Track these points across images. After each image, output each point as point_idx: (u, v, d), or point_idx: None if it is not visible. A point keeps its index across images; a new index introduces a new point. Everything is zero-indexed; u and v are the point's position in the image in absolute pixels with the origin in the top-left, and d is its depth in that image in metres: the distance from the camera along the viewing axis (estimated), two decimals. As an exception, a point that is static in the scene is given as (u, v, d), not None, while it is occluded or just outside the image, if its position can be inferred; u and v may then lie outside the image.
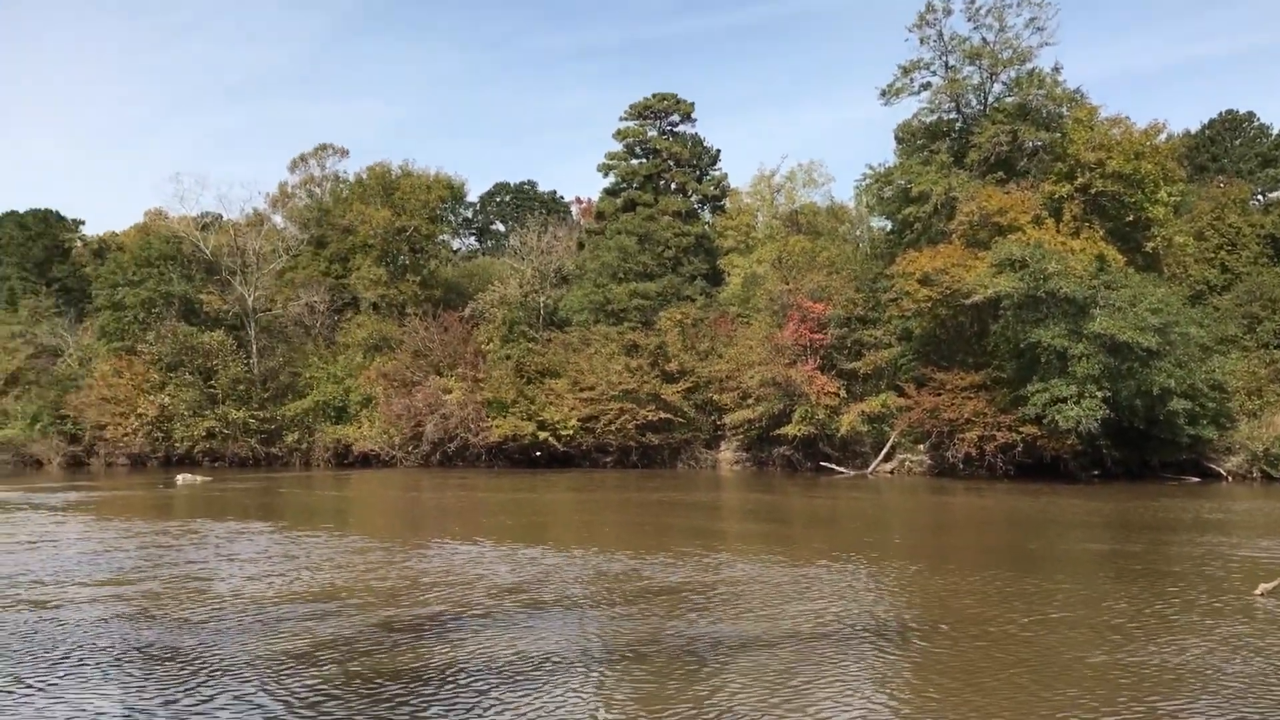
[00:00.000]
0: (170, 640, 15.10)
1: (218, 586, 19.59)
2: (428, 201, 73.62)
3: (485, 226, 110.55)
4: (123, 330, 68.53)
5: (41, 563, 22.88)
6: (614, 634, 15.34)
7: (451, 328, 63.28)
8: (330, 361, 67.14)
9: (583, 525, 31.76)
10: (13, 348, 74.35)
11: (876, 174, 55.41)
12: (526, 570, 21.19)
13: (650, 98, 71.32)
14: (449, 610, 17.15)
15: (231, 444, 64.03)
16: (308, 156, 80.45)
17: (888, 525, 31.70)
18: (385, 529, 30.99)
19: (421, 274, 72.71)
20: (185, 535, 27.95)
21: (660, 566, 21.53)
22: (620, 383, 54.68)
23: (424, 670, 13.34)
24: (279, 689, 12.55)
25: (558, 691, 12.44)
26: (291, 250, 74.17)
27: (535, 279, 66.88)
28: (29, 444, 69.75)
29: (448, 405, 58.39)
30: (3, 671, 13.41)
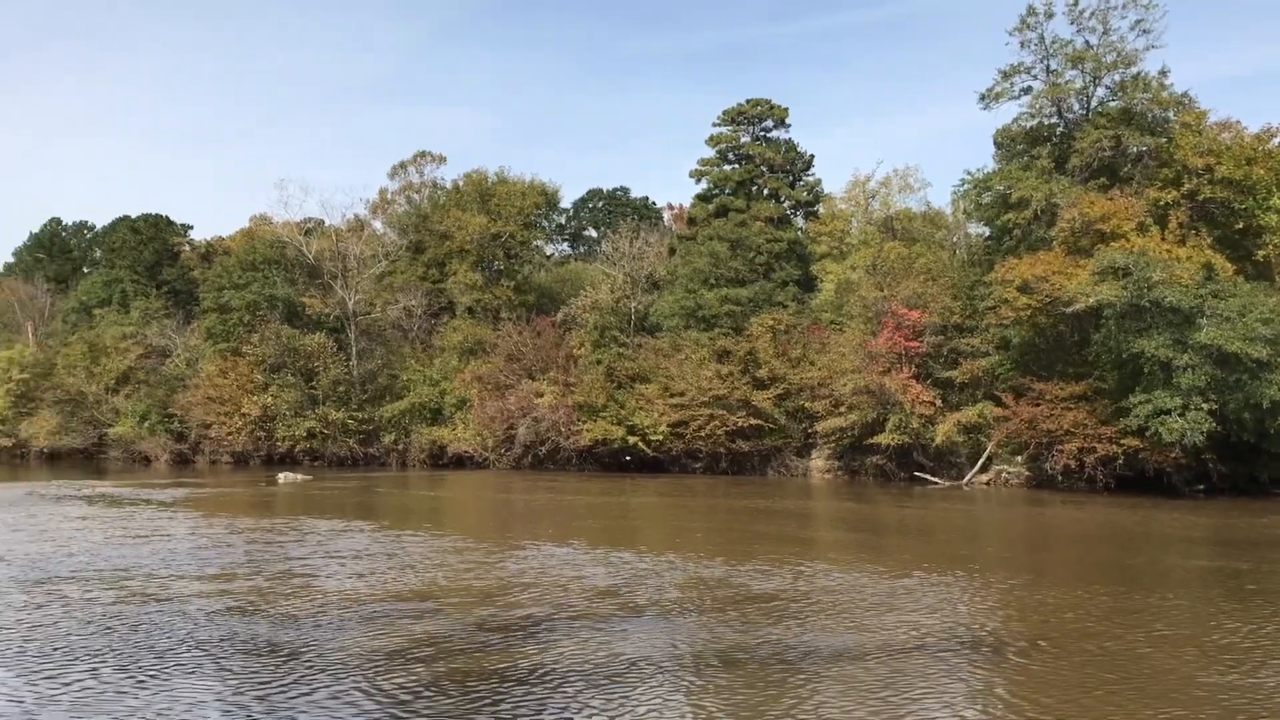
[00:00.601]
0: (272, 635, 15.54)
1: (319, 583, 20.08)
2: (522, 208, 74.52)
3: (578, 232, 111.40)
4: (228, 332, 70.67)
5: (152, 557, 23.72)
6: (705, 640, 15.35)
7: (544, 332, 63.93)
8: (426, 364, 68.34)
9: (673, 530, 31.81)
10: (124, 348, 77.15)
11: (975, 179, 54.43)
12: (618, 574, 21.30)
13: (744, 103, 71.11)
14: (542, 612, 17.33)
15: (331, 444, 65.63)
16: (407, 163, 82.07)
17: (984, 537, 31.14)
18: (479, 529, 31.43)
19: (515, 279, 73.60)
20: (288, 532, 28.71)
21: (751, 573, 21.47)
22: (710, 388, 54.60)
23: (516, 671, 13.50)
24: (375, 686, 12.83)
25: (648, 696, 12.50)
26: (390, 255, 75.67)
27: (626, 284, 67.19)
28: (138, 441, 72.32)
29: (539, 409, 58.99)
30: (113, 661, 13.93)
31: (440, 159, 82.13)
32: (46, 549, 24.94)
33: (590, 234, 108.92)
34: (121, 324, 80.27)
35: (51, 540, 26.74)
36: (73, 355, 77.85)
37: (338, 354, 68.28)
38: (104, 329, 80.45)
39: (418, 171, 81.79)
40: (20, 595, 18.73)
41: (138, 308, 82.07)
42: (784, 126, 71.94)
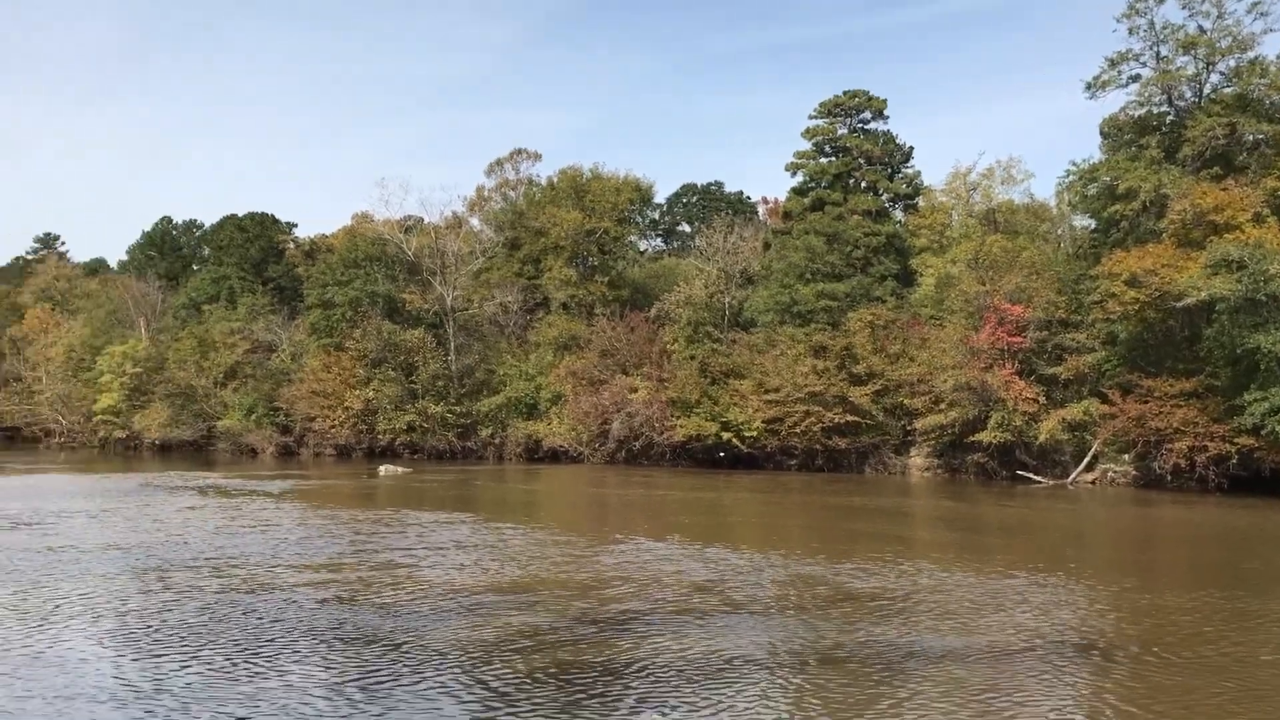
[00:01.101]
0: (375, 624, 15.84)
1: (420, 574, 20.42)
2: (616, 204, 74.77)
3: (672, 227, 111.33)
4: (331, 327, 72.37)
5: (261, 546, 24.39)
6: (804, 638, 15.20)
7: (638, 328, 64.07)
8: (522, 359, 69.08)
9: (768, 527, 31.62)
10: (232, 343, 79.55)
11: (1080, 170, 52.96)
12: (715, 569, 21.24)
13: (841, 95, 70.22)
14: (639, 606, 17.36)
15: (430, 437, 66.83)
16: (503, 161, 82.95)
17: (1090, 537, 30.31)
18: (575, 523, 31.65)
19: (610, 275, 73.89)
20: (390, 524, 29.27)
21: (850, 572, 21.22)
22: (806, 384, 54.09)
23: (613, 664, 13.54)
24: (475, 676, 12.98)
25: (747, 693, 12.43)
26: (487, 252, 76.64)
27: (721, 279, 66.93)
28: (245, 433, 74.53)
29: (633, 404, 59.16)
30: (223, 649, 14.34)
31: (536, 156, 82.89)
32: (161, 538, 25.82)
33: (684, 229, 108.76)
34: (229, 319, 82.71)
35: (165, 530, 27.68)
36: (183, 350, 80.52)
37: (436, 349, 69.45)
38: (212, 324, 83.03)
39: (514, 169, 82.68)
40: (136, 583, 19.41)
41: (245, 304, 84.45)
42: (882, 118, 70.88)
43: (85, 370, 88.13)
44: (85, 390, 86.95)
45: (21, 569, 20.64)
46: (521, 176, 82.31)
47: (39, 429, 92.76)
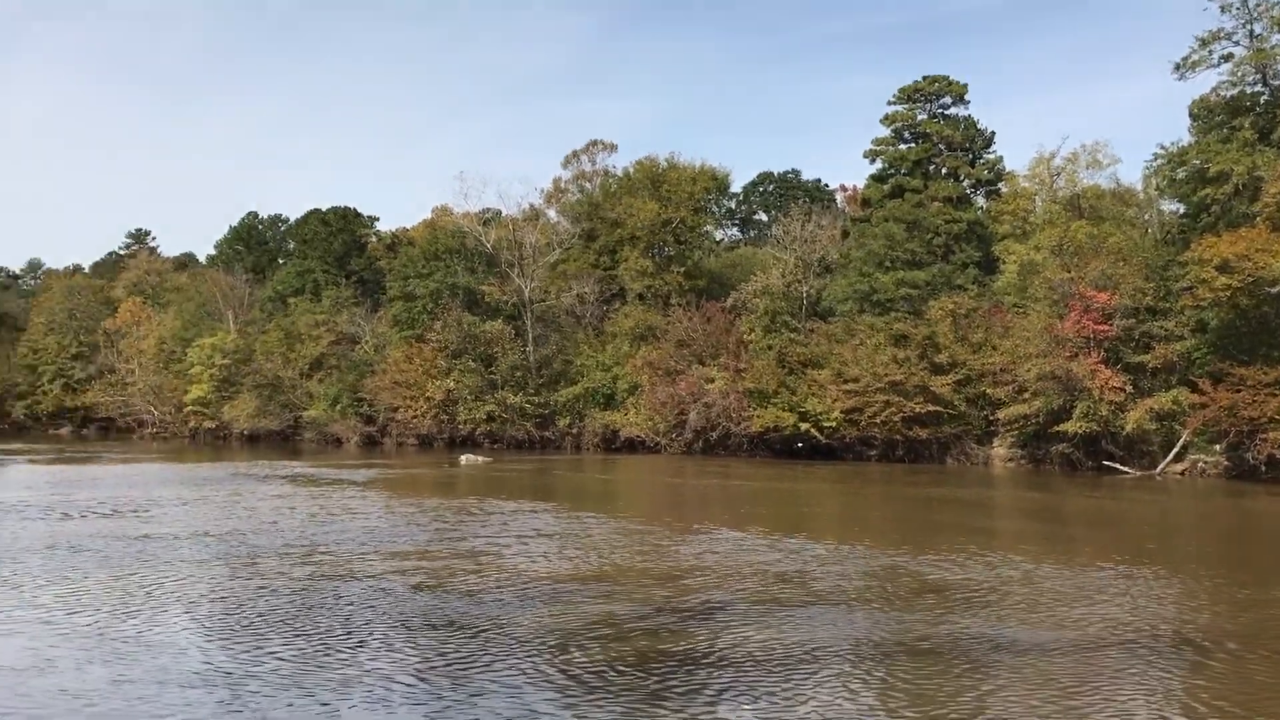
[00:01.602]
0: (459, 611, 16.11)
1: (502, 562, 20.70)
2: (693, 193, 74.61)
3: (748, 216, 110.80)
4: (413, 319, 73.51)
5: (348, 534, 24.93)
6: (885, 629, 15.11)
7: (714, 318, 63.92)
8: (599, 350, 69.42)
9: (849, 518, 31.43)
10: (317, 335, 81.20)
11: (1169, 154, 51.55)
12: (793, 560, 21.19)
13: (920, 80, 69.22)
14: (719, 596, 17.41)
15: (509, 427, 67.57)
16: (579, 152, 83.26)
17: (1180, 530, 29.59)
18: (654, 513, 31.76)
19: (686, 265, 73.80)
20: (473, 512, 29.70)
21: (932, 563, 21.01)
22: (886, 374, 53.49)
23: (694, 654, 13.60)
24: (557, 664, 13.13)
25: (829, 684, 12.40)
26: (564, 243, 77.11)
27: (798, 268, 66.47)
28: (330, 423, 76.07)
29: (710, 394, 59.09)
30: (312, 634, 14.70)
31: (611, 147, 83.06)
32: (252, 526, 26.52)
33: (760, 218, 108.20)
34: (314, 312, 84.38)
35: (256, 518, 28.42)
36: (270, 342, 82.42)
37: (515, 340, 70.13)
38: (298, 317, 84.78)
39: (590, 160, 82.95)
40: (228, 570, 19.97)
41: (329, 296, 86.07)
42: (963, 103, 69.73)
43: (176, 362, 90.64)
44: (176, 382, 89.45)
45: (118, 556, 21.36)
46: (598, 168, 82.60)
47: (132, 419, 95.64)
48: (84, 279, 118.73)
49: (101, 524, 26.76)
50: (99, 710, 11.09)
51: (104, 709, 11.15)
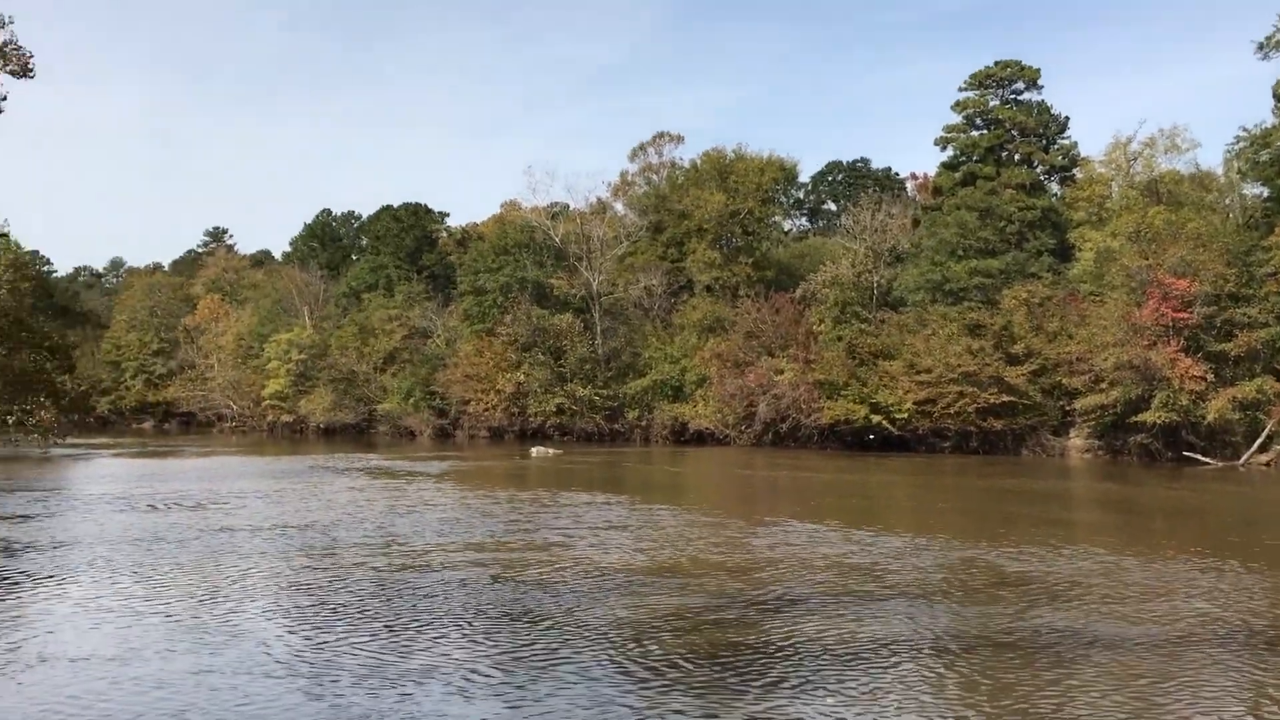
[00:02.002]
0: (535, 601, 16.26)
1: (576, 553, 20.85)
2: (760, 184, 74.28)
3: (817, 206, 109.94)
4: (483, 313, 74.30)
5: (424, 525, 25.30)
6: (960, 623, 14.95)
7: (783, 309, 63.58)
8: (667, 342, 69.49)
9: (922, 510, 31.12)
10: (390, 329, 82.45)
11: (1251, 136, 50.21)
12: (867, 553, 21.05)
13: (992, 66, 68.13)
14: (791, 588, 17.36)
15: (579, 419, 68.01)
16: (646, 145, 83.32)
17: (1264, 522, 28.79)
18: (724, 505, 31.75)
19: (754, 256, 73.54)
20: (545, 504, 29.94)
21: (1008, 556, 20.73)
22: (960, 364, 52.78)
23: (768, 646, 13.58)
24: (632, 655, 13.18)
25: (906, 677, 12.31)
26: (631, 236, 77.28)
27: (868, 258, 65.87)
28: (403, 416, 77.24)
29: (779, 386, 58.81)
30: (389, 623, 14.94)
31: (678, 139, 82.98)
32: (330, 517, 27.03)
33: (829, 208, 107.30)
34: (387, 307, 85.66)
35: (334, 509, 28.96)
36: (344, 337, 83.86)
37: (583, 333, 70.53)
38: (371, 312, 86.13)
39: (656, 152, 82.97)
40: (307, 561, 20.38)
41: (401, 291, 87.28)
42: (1036, 88, 68.52)
43: (254, 357, 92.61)
44: (254, 376, 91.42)
45: (202, 547, 21.90)
46: (664, 160, 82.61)
47: (212, 414, 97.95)
48: (164, 277, 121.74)
49: (185, 516, 27.46)
50: (181, 700, 11.32)
51: (185, 699, 11.38)
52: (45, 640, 13.92)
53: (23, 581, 17.97)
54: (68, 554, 20.89)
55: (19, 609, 15.88)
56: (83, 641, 13.87)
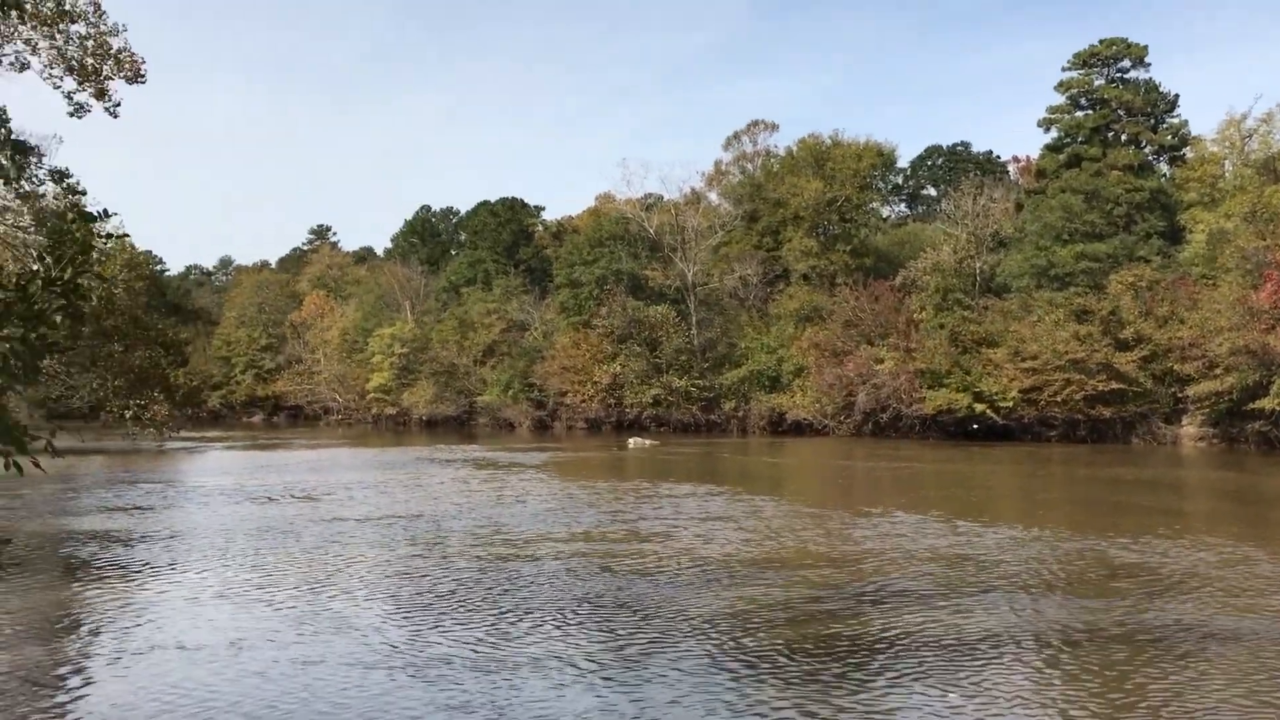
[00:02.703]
0: (636, 592, 16.36)
1: (676, 544, 20.91)
2: (858, 170, 73.35)
3: (916, 192, 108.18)
4: (579, 305, 74.87)
5: (526, 515, 25.64)
6: (1067, 615, 14.61)
7: (882, 297, 62.77)
8: (764, 332, 69.16)
9: (1028, 501, 30.48)
10: (489, 323, 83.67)
11: (1378, 108, 47.77)
12: (972, 544, 20.71)
13: (1097, 44, 66.15)
14: (892, 580, 17.17)
15: (675, 410, 68.12)
16: (740, 134, 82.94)
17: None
18: (824, 496, 31.53)
19: (852, 243, 72.68)
20: (643, 495, 30.09)
21: (1119, 546, 20.19)
22: (1067, 351, 51.50)
23: (867, 638, 13.46)
24: (733, 646, 13.19)
25: (1012, 670, 12.09)
26: (726, 226, 77.04)
27: (970, 244, 64.59)
28: (503, 408, 78.33)
29: (879, 375, 58.10)
30: (493, 614, 15.17)
31: (773, 127, 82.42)
32: (435, 508, 27.56)
33: (929, 193, 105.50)
34: (485, 301, 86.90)
35: (439, 500, 29.52)
36: (445, 331, 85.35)
37: (679, 324, 70.57)
38: (470, 306, 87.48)
39: (751, 141, 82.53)
40: (413, 551, 20.80)
41: (499, 285, 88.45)
42: (1143, 66, 66.35)
43: (358, 352, 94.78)
44: (358, 370, 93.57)
45: (311, 538, 22.50)
46: (759, 148, 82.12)
47: (319, 407, 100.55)
48: (271, 274, 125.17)
49: (295, 507, 28.26)
50: (283, 690, 11.54)
51: (289, 689, 11.59)
52: (156, 629, 14.35)
53: (139, 570, 18.67)
54: (182, 544, 21.65)
55: (133, 597, 16.48)
56: (192, 631, 14.27)
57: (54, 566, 19.30)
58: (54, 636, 14.13)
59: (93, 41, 27.19)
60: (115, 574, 18.28)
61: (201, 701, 11.15)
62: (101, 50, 27.23)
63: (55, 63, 27.02)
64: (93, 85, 27.28)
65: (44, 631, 14.38)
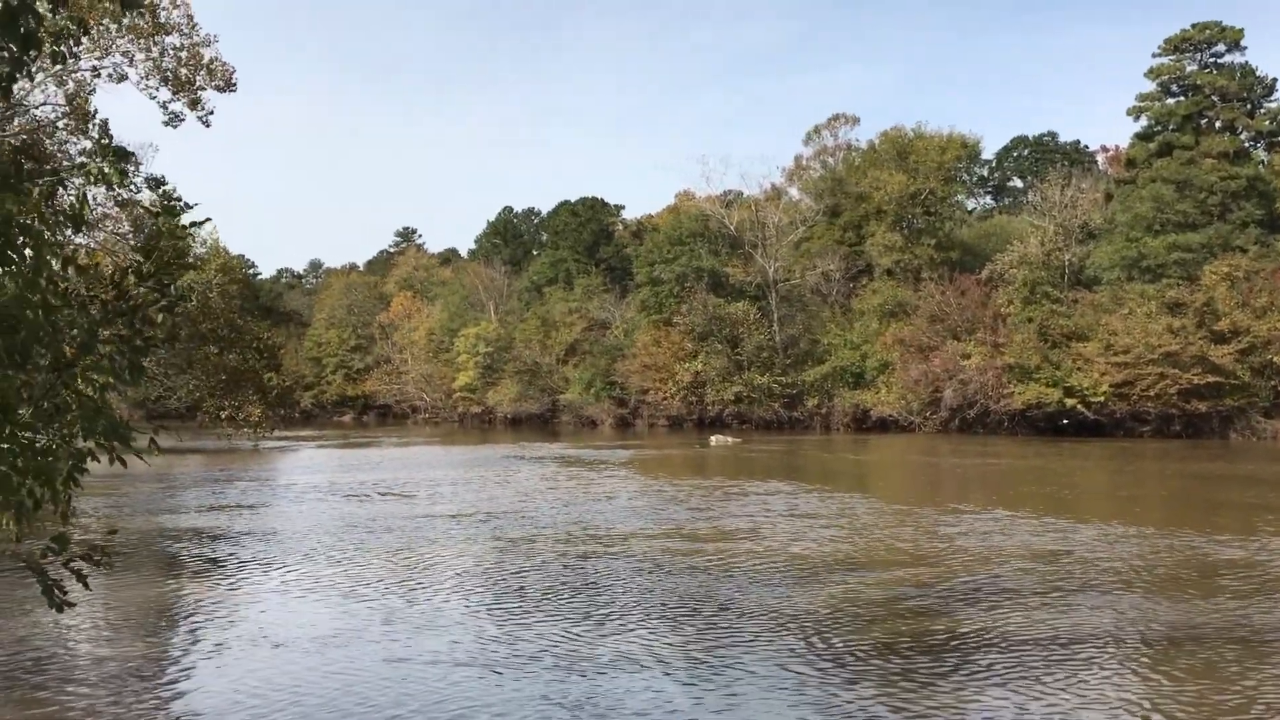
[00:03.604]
0: (721, 589, 16.36)
1: (760, 541, 20.85)
2: (942, 162, 72.35)
3: (1002, 184, 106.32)
4: (660, 303, 75.04)
5: (610, 513, 25.80)
6: (1171, 613, 14.25)
7: (968, 291, 61.83)
8: (847, 328, 68.59)
9: (1121, 497, 29.78)
10: (570, 321, 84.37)
11: None
12: (1064, 541, 20.31)
13: (1189, 28, 64.27)
14: (982, 577, 16.92)
15: (757, 407, 67.92)
16: (821, 127, 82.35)
17: None
18: (911, 493, 31.18)
19: (936, 237, 71.70)
20: (727, 492, 30.08)
21: (1217, 544, 19.63)
22: (1160, 344, 50.21)
23: (960, 636, 13.28)
24: (819, 645, 13.11)
25: (1106, 669, 11.84)
26: (807, 221, 76.54)
27: (1058, 236, 63.29)
28: (585, 406, 78.89)
29: (966, 371, 57.25)
30: (577, 613, 15.28)
31: (854, 120, 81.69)
32: (523, 505, 27.86)
33: (1015, 184, 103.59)
34: (567, 300, 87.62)
35: (526, 497, 29.83)
36: (528, 329, 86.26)
37: (760, 320, 70.35)
38: (553, 305, 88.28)
39: (832, 134, 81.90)
40: (500, 548, 21.06)
41: (580, 284, 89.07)
42: (1238, 49, 64.27)
43: (444, 351, 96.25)
44: (444, 369, 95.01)
45: (400, 535, 22.87)
46: (840, 142, 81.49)
47: (407, 405, 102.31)
48: (359, 276, 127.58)
49: (386, 504, 28.79)
50: (373, 687, 11.65)
51: (377, 685, 11.71)
52: (251, 624, 14.64)
53: (235, 567, 19.16)
54: (276, 541, 22.18)
55: (229, 593, 16.90)
56: (285, 626, 14.52)
57: (154, 562, 19.95)
58: (154, 630, 14.61)
59: (186, 53, 28.12)
60: (212, 570, 18.82)
61: (294, 697, 11.35)
62: (194, 61, 28.13)
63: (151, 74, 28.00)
64: (186, 95, 28.21)
65: (145, 625, 14.87)
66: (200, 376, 27.61)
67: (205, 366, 26.99)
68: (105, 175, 6.38)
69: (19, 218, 5.29)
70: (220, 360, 27.26)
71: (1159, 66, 65.15)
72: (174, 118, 28.28)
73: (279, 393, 31.02)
